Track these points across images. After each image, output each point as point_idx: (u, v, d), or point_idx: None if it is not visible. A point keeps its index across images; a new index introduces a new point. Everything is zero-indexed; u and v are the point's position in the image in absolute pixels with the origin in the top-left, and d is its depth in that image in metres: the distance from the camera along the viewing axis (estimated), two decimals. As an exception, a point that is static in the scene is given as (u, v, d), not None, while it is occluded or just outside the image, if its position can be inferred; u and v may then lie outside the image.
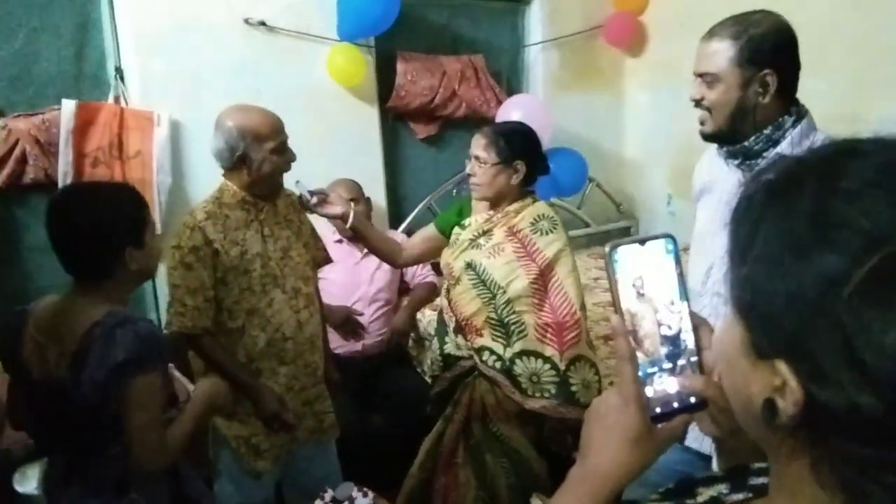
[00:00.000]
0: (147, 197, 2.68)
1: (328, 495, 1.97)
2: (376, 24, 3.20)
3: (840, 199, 0.46)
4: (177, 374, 2.35)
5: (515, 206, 2.11)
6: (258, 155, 1.89)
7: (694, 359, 0.64)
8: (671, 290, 0.63)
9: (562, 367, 2.01)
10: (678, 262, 0.64)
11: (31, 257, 2.73)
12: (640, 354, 0.63)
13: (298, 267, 2.05)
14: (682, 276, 0.64)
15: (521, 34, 4.03)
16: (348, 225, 2.14)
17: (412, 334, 3.05)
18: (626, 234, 4.34)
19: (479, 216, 2.15)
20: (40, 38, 2.72)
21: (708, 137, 1.60)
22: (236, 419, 1.99)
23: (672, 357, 0.64)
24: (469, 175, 2.12)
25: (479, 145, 2.08)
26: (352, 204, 2.15)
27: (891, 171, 0.46)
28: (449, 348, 2.20)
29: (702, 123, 1.58)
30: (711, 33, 1.52)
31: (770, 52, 1.46)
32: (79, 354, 1.41)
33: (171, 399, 1.62)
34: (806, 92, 1.54)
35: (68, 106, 2.65)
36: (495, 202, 2.12)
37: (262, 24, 3.06)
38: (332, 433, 2.20)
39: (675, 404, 0.64)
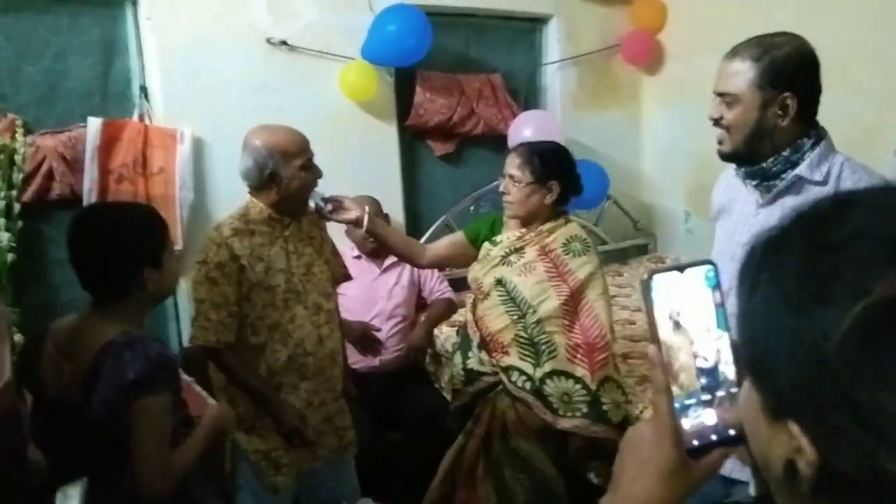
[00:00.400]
0: (169, 213, 2.76)
1: (347, 511, 1.97)
2: (407, 54, 3.20)
3: (827, 251, 0.45)
4: (197, 387, 2.37)
5: (548, 225, 2.11)
6: (287, 172, 1.92)
7: (734, 390, 0.61)
8: (710, 320, 0.61)
9: (593, 387, 2.01)
10: (718, 289, 0.61)
11: (56, 272, 2.76)
12: (674, 388, 0.61)
13: (320, 283, 2.07)
14: (722, 306, 0.61)
15: (538, 53, 4.05)
16: (364, 228, 2.13)
17: (429, 350, 3.06)
18: (643, 251, 4.33)
19: (511, 233, 2.15)
20: (67, 58, 2.77)
21: (726, 157, 1.59)
22: (256, 434, 2.00)
23: (710, 389, 0.61)
24: (502, 193, 2.12)
25: (513, 164, 2.08)
26: (367, 208, 2.14)
27: (876, 218, 0.45)
28: (472, 363, 2.19)
29: (720, 143, 1.57)
30: (733, 53, 1.51)
31: (791, 75, 1.45)
32: (91, 374, 1.40)
33: (187, 419, 1.60)
34: (826, 111, 1.53)
35: (94, 123, 2.70)
36: (527, 221, 2.12)
37: (284, 43, 3.11)
38: (352, 449, 2.20)
39: (713, 437, 0.61)
